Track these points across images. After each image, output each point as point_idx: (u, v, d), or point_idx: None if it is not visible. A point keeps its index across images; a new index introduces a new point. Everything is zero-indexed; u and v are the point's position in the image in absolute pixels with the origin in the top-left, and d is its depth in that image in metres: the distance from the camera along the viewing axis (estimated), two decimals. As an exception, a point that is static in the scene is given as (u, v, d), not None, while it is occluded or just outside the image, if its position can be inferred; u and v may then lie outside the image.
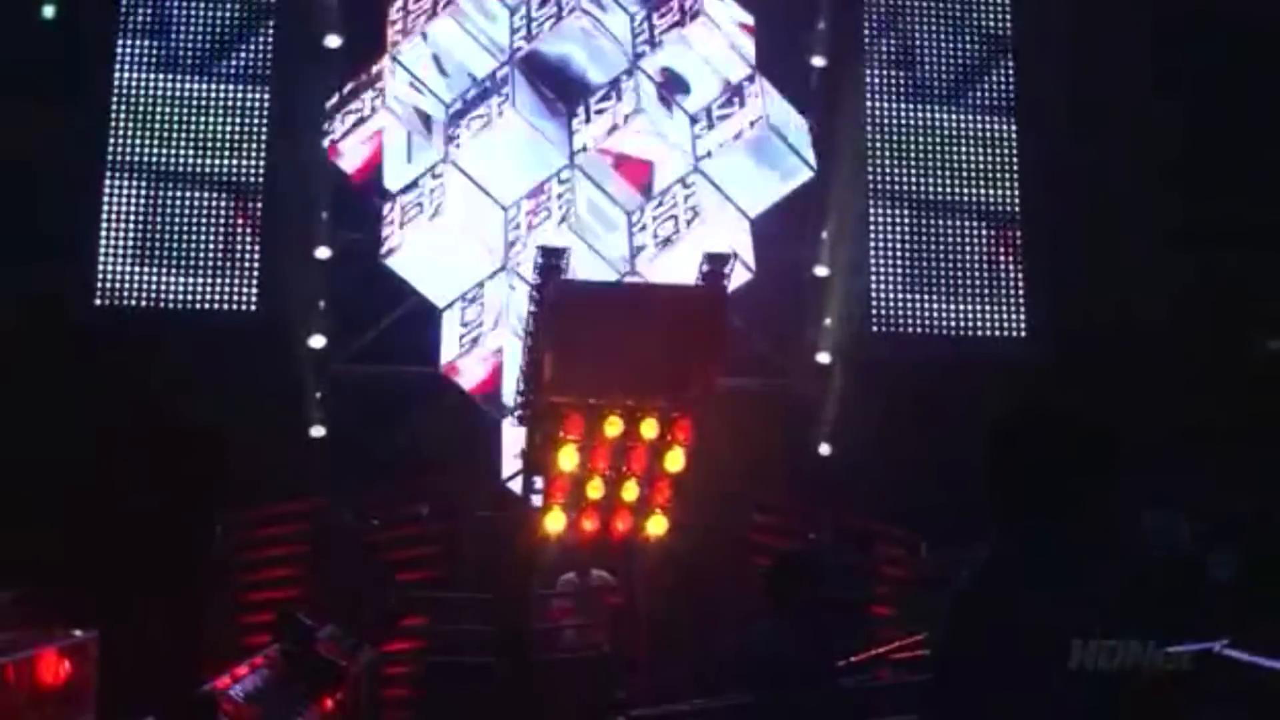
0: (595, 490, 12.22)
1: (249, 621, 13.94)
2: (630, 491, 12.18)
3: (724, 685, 9.65)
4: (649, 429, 11.93)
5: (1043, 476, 4.20)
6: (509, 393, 14.25)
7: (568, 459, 12.05)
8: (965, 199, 17.21)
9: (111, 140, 16.29)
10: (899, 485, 14.94)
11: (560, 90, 15.64)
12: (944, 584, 4.41)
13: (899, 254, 17.08)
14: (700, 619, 14.42)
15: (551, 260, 12.11)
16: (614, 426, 11.90)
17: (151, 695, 8.02)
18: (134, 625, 12.13)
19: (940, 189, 17.19)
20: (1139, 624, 3.99)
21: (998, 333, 17.02)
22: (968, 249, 17.15)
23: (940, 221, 17.16)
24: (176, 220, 16.21)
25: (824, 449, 16.14)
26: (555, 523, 12.47)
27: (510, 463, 14.66)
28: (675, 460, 12.10)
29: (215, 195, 16.32)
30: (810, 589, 8.67)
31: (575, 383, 11.76)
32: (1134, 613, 3.99)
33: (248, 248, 16.26)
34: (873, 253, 17.03)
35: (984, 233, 17.19)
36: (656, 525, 12.53)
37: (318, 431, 15.57)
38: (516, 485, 14.15)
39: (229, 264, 16.20)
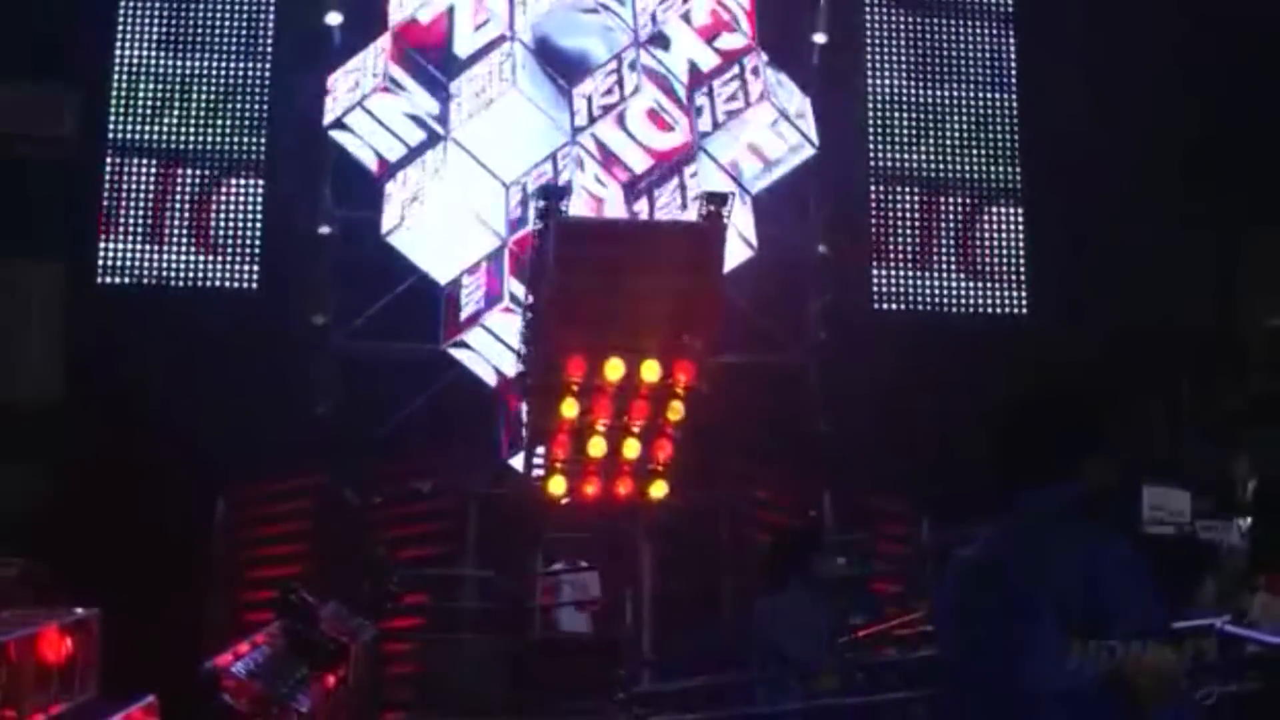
0: (597, 448, 12.18)
1: (251, 598, 13.96)
2: (632, 448, 12.14)
3: (726, 662, 9.63)
4: (650, 371, 11.88)
5: (1044, 451, 4.19)
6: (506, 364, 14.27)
7: (569, 408, 12.01)
8: (966, 176, 17.15)
9: (112, 118, 16.24)
10: (900, 461, 14.91)
11: (563, 68, 15.58)
12: (946, 559, 4.39)
13: (900, 231, 17.02)
14: (701, 596, 14.43)
15: (552, 199, 12.06)
16: (615, 369, 11.87)
17: (154, 673, 8.01)
18: (138, 602, 12.13)
19: (941, 166, 17.13)
20: (1140, 598, 3.97)
21: (999, 310, 16.97)
22: (969, 226, 17.09)
23: (941, 198, 17.11)
24: (178, 198, 16.16)
25: (824, 426, 16.10)
26: (557, 487, 12.45)
27: (512, 439, 14.63)
28: (676, 410, 12.06)
29: (217, 173, 16.26)
30: (812, 565, 8.65)
31: (577, 322, 11.72)
32: (1135, 586, 3.97)
33: (249, 225, 16.22)
34: (873, 230, 16.97)
35: (986, 209, 17.13)
36: (658, 489, 12.51)
37: (319, 409, 15.53)
38: (518, 463, 14.15)
39: (231, 242, 16.17)
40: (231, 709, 8.23)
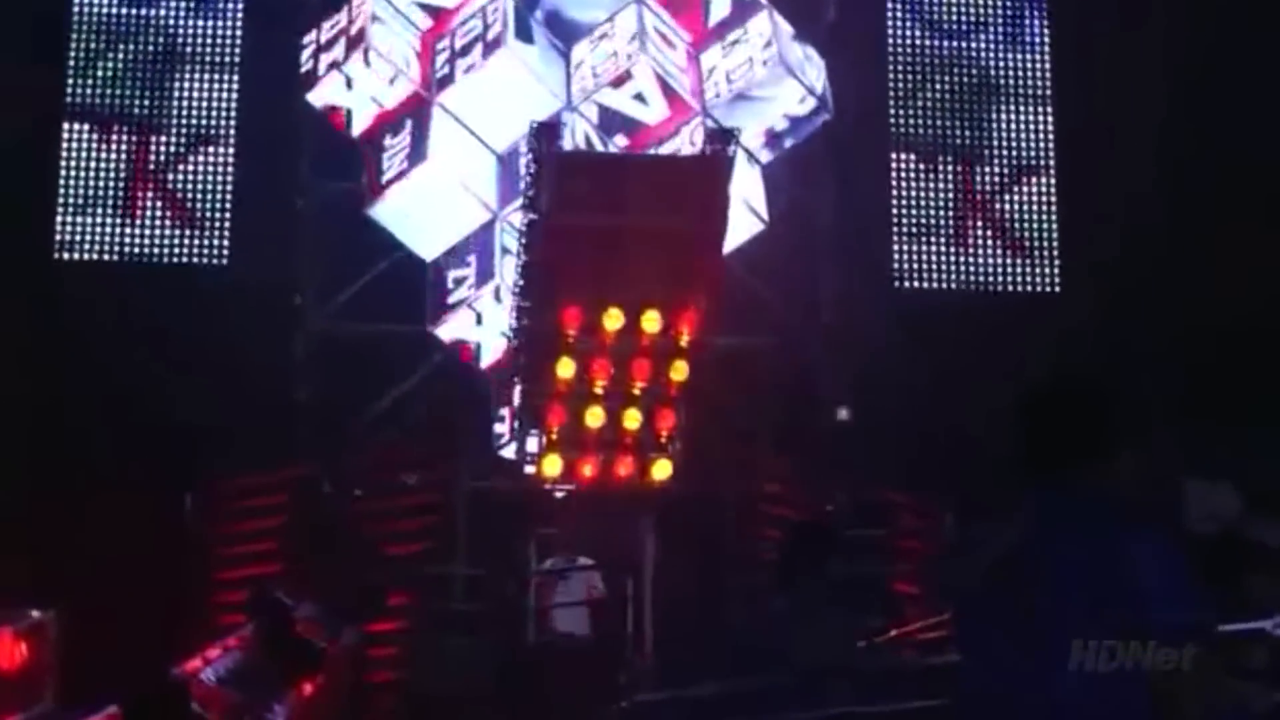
0: (595, 417, 12.17)
1: (222, 600, 13.94)
2: (633, 418, 12.13)
3: (734, 668, 9.61)
4: (651, 322, 11.88)
5: (1075, 443, 4.17)
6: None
7: (565, 367, 12.00)
8: (994, 142, 17.09)
9: (69, 82, 16.19)
10: (922, 452, 14.89)
11: (558, 30, 15.52)
12: (970, 558, 4.36)
13: (923, 203, 16.97)
14: (708, 596, 14.41)
15: (545, 135, 12.04)
16: (614, 320, 11.86)
17: (116, 679, 8.00)
18: (97, 603, 12.13)
19: (966, 132, 17.08)
20: (1181, 598, 3.94)
21: (1029, 288, 16.92)
22: (997, 197, 17.05)
23: (968, 168, 17.06)
24: (142, 168, 16.11)
25: (841, 413, 16.07)
26: (552, 467, 12.43)
27: (504, 429, 14.60)
28: (680, 370, 12.04)
29: (184, 141, 16.21)
30: (826, 564, 8.63)
31: (574, 268, 11.72)
32: (1175, 585, 3.94)
33: (219, 197, 16.16)
34: (894, 201, 16.92)
35: (1016, 180, 17.09)
36: (661, 470, 12.48)
37: (296, 395, 15.50)
38: (512, 455, 14.13)
39: (199, 215, 16.12)
40: (201, 718, 8.22)
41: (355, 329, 15.56)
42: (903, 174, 16.98)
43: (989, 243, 16.98)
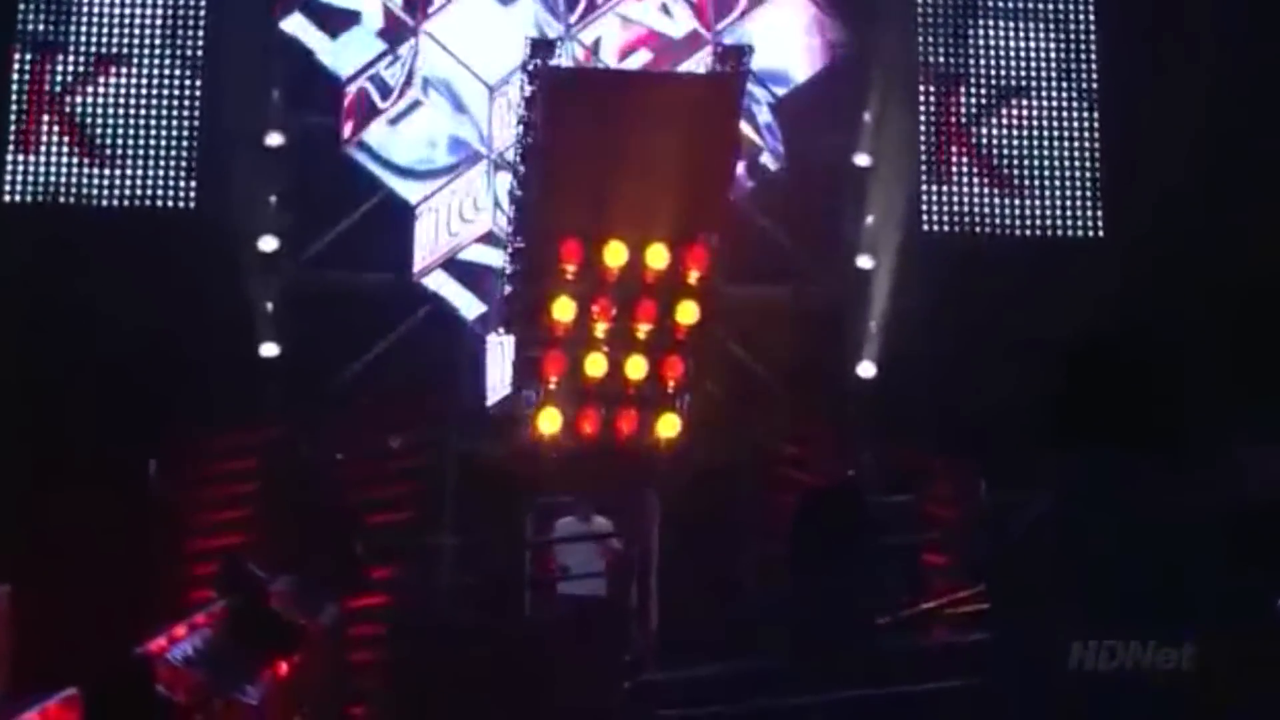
0: (596, 366, 12.17)
1: (190, 573, 13.99)
2: (637, 367, 12.12)
3: (746, 647, 9.63)
4: (657, 257, 11.86)
5: (1114, 405, 4.16)
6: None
7: (563, 309, 11.98)
8: (1034, 74, 17.04)
9: (21, 10, 16.15)
10: (954, 412, 14.90)
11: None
12: (1005, 527, 4.37)
13: (955, 140, 16.93)
14: (721, 568, 14.45)
15: (541, 52, 12.00)
16: (616, 255, 11.84)
17: (74, 661, 8.03)
18: (53, 578, 12.17)
19: (1004, 62, 17.03)
20: (1228, 576, 3.95)
21: (1071, 233, 16.90)
22: (1036, 134, 17.01)
23: (1004, 101, 17.02)
24: (100, 102, 16.09)
25: (866, 369, 16.08)
26: (549, 423, 12.43)
27: (498, 386, 14.65)
28: (688, 312, 12.03)
29: (145, 72, 16.18)
30: (849, 533, 8.62)
31: (572, 197, 11.69)
32: (1222, 561, 3.95)
33: (185, 134, 16.14)
34: (923, 138, 16.88)
35: (1056, 115, 17.05)
36: (668, 426, 12.49)
37: (269, 350, 15.52)
38: (504, 409, 14.17)
39: (162, 153, 16.09)
40: (167, 702, 8.26)
41: (333, 278, 15.58)
42: (933, 107, 16.94)
43: (1027, 182, 16.94)
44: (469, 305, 15.20)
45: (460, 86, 15.18)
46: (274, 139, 15.83)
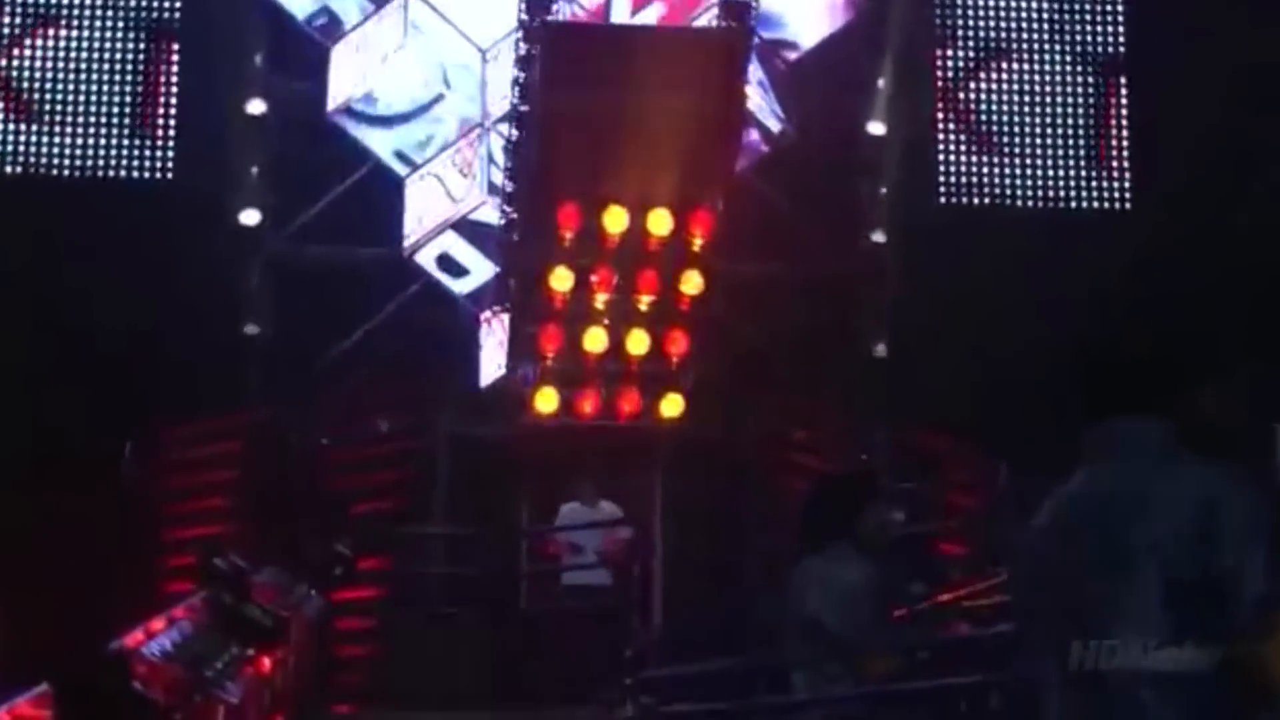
0: (595, 341, 12.16)
1: (168, 564, 14.00)
2: (638, 342, 12.11)
3: (753, 641, 9.64)
4: (659, 222, 11.85)
5: (1145, 377, 4.15)
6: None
7: (561, 279, 11.98)
8: (1056, 37, 17.03)
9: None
10: (973, 393, 14.88)
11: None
12: (1027, 513, 4.36)
13: (973, 106, 16.94)
14: (727, 558, 14.46)
15: (539, 9, 11.97)
16: (616, 220, 11.83)
17: (46, 656, 8.03)
18: (24, 569, 12.18)
19: (1025, 24, 17.01)
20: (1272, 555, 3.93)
21: (1095, 204, 16.92)
22: (1059, 100, 17.01)
23: (1024, 65, 17.01)
24: (71, 66, 16.07)
25: (880, 349, 16.07)
26: (546, 402, 12.43)
27: (492, 365, 14.64)
28: (692, 282, 12.03)
29: (120, 35, 16.16)
30: (862, 521, 8.61)
31: (570, 159, 11.67)
32: (1265, 539, 3.93)
33: (162, 100, 16.13)
34: (940, 104, 16.88)
35: (1080, 80, 17.04)
36: (672, 405, 12.47)
37: (252, 328, 15.52)
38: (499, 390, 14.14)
39: (140, 121, 16.09)
40: (143, 699, 8.25)
41: (318, 253, 15.56)
42: (950, 72, 16.93)
43: (1050, 151, 16.93)
44: (462, 281, 15.16)
45: (451, 50, 15.16)
46: (255, 106, 15.80)
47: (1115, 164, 16.97)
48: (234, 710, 8.95)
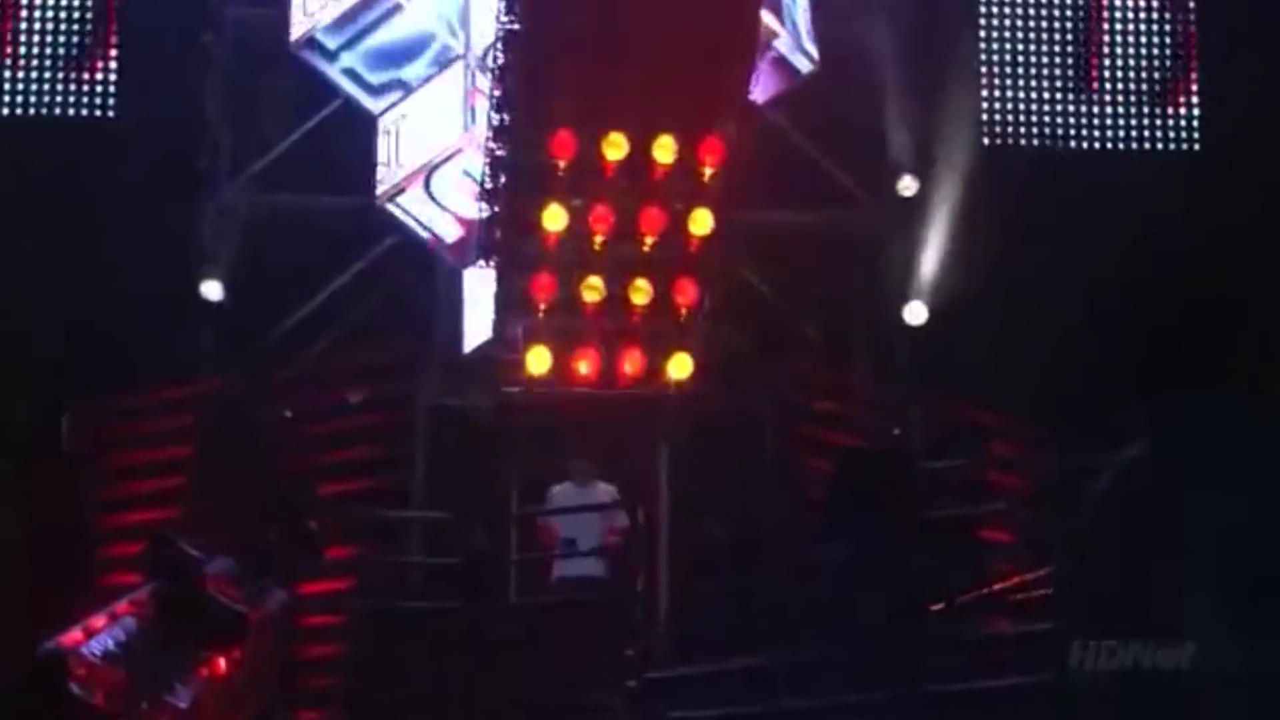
0: (593, 291, 12.12)
1: (110, 553, 14.01)
2: (641, 291, 12.07)
3: (771, 637, 9.67)
4: (664, 151, 11.80)
5: (1205, 352, 4.16)
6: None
7: (554, 217, 11.93)
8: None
9: None
10: (1019, 361, 14.89)
11: None
12: (1077, 494, 4.35)
13: (1021, 40, 16.97)
14: (740, 544, 14.46)
15: None
16: (616, 147, 11.78)
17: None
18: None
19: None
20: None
21: (1159, 146, 16.90)
22: (1119, 31, 17.00)
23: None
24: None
25: (914, 310, 16.05)
26: (538, 363, 12.40)
27: (476, 328, 14.65)
28: (701, 221, 11.99)
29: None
30: (891, 503, 8.63)
31: (564, 81, 11.62)
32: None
33: (102, 31, 16.13)
34: (983, 35, 16.89)
35: (1142, 9, 17.04)
36: (680, 366, 12.43)
37: (208, 288, 15.52)
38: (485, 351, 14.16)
39: (78, 55, 16.10)
40: (82, 704, 8.28)
41: (280, 201, 15.55)
42: (994, 3, 16.94)
43: (1107, 88, 16.94)
44: (445, 229, 15.17)
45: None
46: (209, 37, 15.79)
47: (1183, 102, 16.95)
48: (184, 716, 8.96)
